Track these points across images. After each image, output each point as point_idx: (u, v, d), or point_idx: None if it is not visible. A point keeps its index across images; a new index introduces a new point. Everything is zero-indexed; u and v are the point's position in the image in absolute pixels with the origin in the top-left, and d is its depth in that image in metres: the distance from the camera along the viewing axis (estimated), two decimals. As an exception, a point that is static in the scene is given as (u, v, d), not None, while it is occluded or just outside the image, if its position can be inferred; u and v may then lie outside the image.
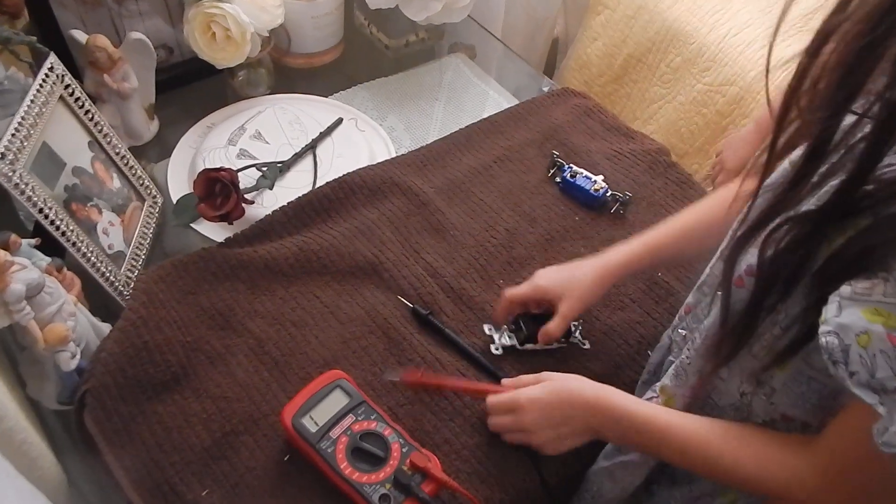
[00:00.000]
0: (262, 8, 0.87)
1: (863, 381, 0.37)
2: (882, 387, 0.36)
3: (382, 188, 0.79)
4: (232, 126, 0.86)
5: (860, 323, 0.36)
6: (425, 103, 0.99)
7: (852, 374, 0.37)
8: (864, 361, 0.36)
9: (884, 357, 0.36)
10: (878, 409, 0.37)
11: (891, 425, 0.36)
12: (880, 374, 0.36)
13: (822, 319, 0.38)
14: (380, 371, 0.63)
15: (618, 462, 0.58)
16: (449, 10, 0.98)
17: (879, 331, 0.36)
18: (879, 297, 0.36)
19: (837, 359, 0.37)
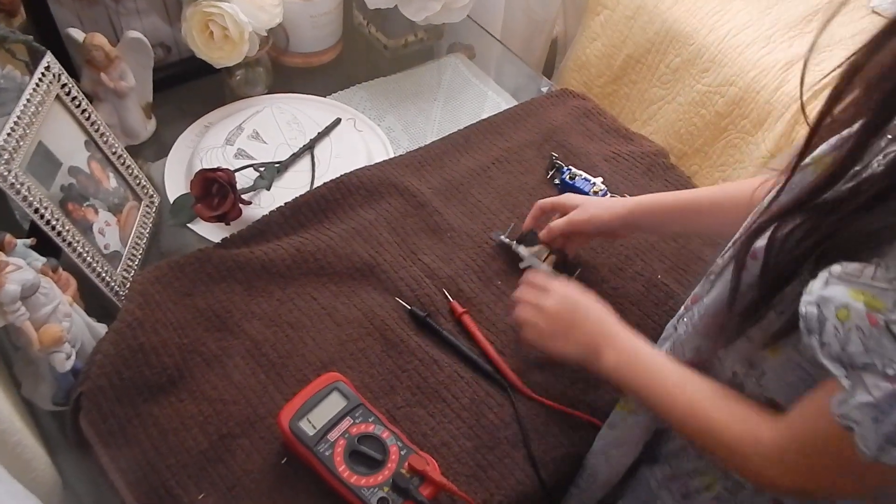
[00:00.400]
0: (261, 7, 0.87)
1: (833, 353, 0.38)
2: (851, 361, 0.37)
3: (380, 189, 0.78)
4: (229, 126, 0.86)
5: (842, 298, 0.37)
6: (424, 103, 0.99)
7: (823, 344, 0.38)
8: (838, 334, 0.37)
9: (858, 333, 0.36)
10: (842, 381, 0.37)
11: (851, 399, 0.37)
12: (851, 348, 0.37)
13: (807, 290, 0.39)
14: (377, 373, 0.63)
15: (611, 440, 0.59)
16: (448, 11, 0.97)
17: (859, 308, 0.36)
18: (867, 280, 0.37)
19: (813, 328, 0.38)
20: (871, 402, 0.36)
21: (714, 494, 0.55)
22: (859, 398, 0.36)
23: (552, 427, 0.62)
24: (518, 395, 0.63)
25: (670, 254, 0.77)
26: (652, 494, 0.60)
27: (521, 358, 0.66)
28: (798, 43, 1.21)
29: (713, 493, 0.55)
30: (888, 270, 0.36)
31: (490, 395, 0.63)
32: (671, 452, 0.59)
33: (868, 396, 0.36)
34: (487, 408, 0.62)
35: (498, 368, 0.64)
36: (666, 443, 0.60)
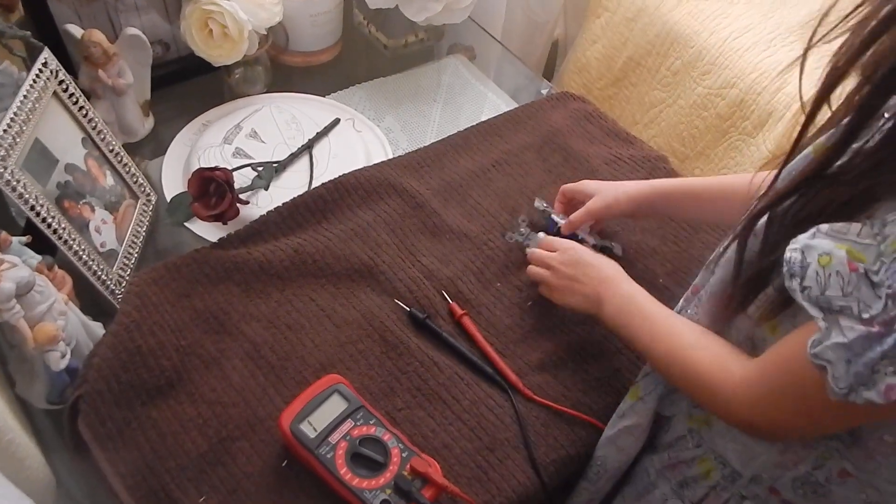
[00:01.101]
0: (260, 5, 0.87)
1: (812, 296, 0.39)
2: (829, 304, 0.39)
3: (378, 190, 0.78)
4: (228, 124, 0.86)
5: (826, 246, 0.39)
6: (423, 104, 0.99)
7: (804, 288, 0.40)
8: (819, 279, 0.39)
9: (838, 278, 0.38)
10: (819, 323, 0.39)
11: (826, 340, 0.39)
12: (830, 292, 0.39)
13: (794, 240, 0.41)
14: (377, 375, 0.63)
15: (622, 428, 0.59)
16: (449, 11, 0.97)
17: (841, 255, 0.38)
18: (853, 236, 0.39)
19: (795, 272, 0.40)
20: (844, 342, 0.38)
21: (711, 482, 0.56)
22: (834, 339, 0.38)
23: (553, 428, 0.61)
24: (519, 396, 0.63)
25: (671, 257, 0.77)
26: (650, 483, 0.61)
27: (522, 359, 0.66)
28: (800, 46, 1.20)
29: (711, 481, 0.56)
30: (873, 227, 0.38)
31: (490, 397, 0.62)
32: (669, 442, 0.60)
33: (842, 338, 0.38)
34: (488, 409, 0.62)
35: (498, 370, 0.64)
36: (665, 432, 0.61)
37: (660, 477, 0.60)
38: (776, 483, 0.52)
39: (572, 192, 0.75)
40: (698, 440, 0.57)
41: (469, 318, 0.68)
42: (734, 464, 0.54)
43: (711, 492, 0.56)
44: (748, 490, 0.54)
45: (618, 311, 0.59)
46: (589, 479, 0.63)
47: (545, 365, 0.66)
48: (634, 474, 0.64)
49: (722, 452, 0.55)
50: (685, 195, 0.69)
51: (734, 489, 0.54)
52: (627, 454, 0.61)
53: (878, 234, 0.38)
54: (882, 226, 0.38)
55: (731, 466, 0.54)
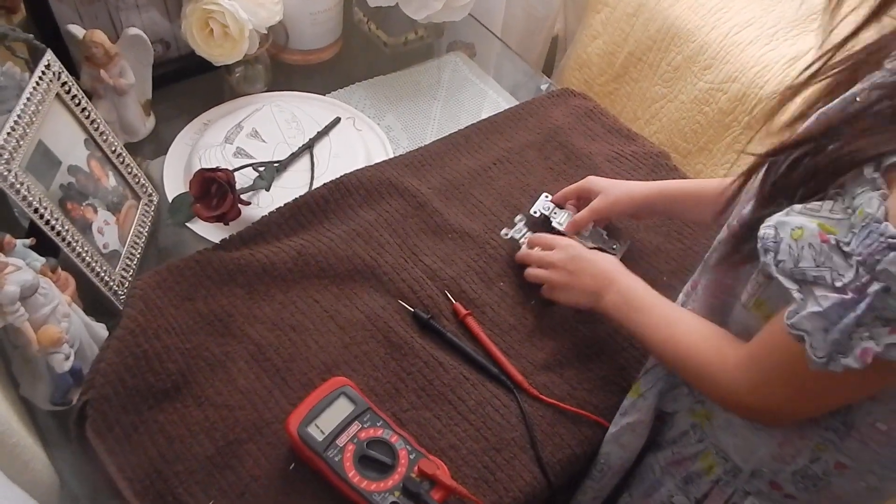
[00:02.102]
0: (261, 4, 0.86)
1: (787, 269, 0.40)
2: (803, 276, 0.40)
3: (380, 189, 0.78)
4: (229, 123, 0.86)
5: (799, 221, 0.40)
6: (423, 102, 0.99)
7: (779, 262, 0.41)
8: (792, 252, 0.40)
9: (811, 250, 0.39)
10: (794, 294, 0.40)
11: (801, 310, 0.40)
12: (803, 264, 0.40)
13: (768, 219, 0.42)
14: (382, 376, 0.63)
15: (624, 425, 0.60)
16: (449, 9, 0.97)
17: (813, 227, 0.39)
18: (826, 213, 0.40)
19: (769, 248, 0.41)
20: (819, 311, 0.39)
21: (714, 478, 0.56)
22: (810, 308, 0.39)
23: (559, 427, 0.62)
24: (524, 395, 0.63)
25: (675, 255, 0.77)
26: (656, 480, 0.62)
27: (527, 359, 0.66)
28: (802, 40, 1.20)
29: (713, 476, 0.57)
30: (844, 202, 0.40)
31: (496, 397, 0.63)
32: (673, 438, 0.61)
33: (817, 307, 0.39)
34: (494, 409, 0.62)
35: (503, 370, 0.64)
36: (669, 428, 0.62)
37: (665, 474, 0.61)
38: (776, 477, 0.53)
39: (578, 190, 0.76)
40: (700, 435, 0.58)
41: (473, 317, 0.68)
42: (734, 458, 0.55)
43: (715, 487, 0.57)
44: (750, 485, 0.55)
45: (618, 303, 0.60)
46: (593, 477, 0.64)
47: (550, 364, 0.66)
48: (640, 472, 0.64)
49: (723, 447, 0.56)
50: (687, 197, 0.70)
51: (736, 484, 0.55)
52: (630, 451, 0.61)
53: (847, 208, 0.39)
54: (851, 199, 0.39)
55: (732, 461, 0.55)
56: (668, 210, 0.73)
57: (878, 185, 0.38)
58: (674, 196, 0.70)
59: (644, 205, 0.71)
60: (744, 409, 0.50)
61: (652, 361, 0.61)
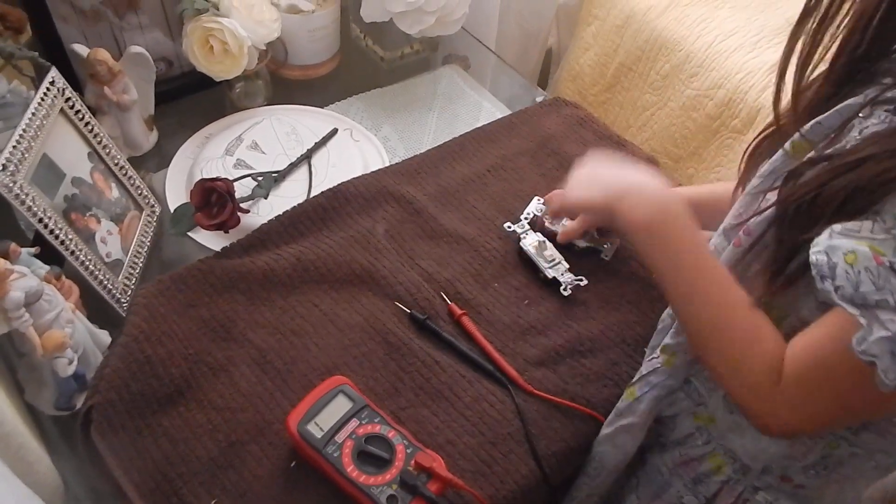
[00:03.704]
0: (260, 22, 0.89)
1: (846, 295, 0.40)
2: (864, 300, 0.39)
3: (377, 197, 0.80)
4: (229, 137, 0.88)
5: (848, 244, 0.40)
6: (419, 114, 1.01)
7: (837, 288, 0.40)
8: (850, 277, 0.39)
9: (868, 274, 0.39)
10: (860, 320, 0.39)
11: (869, 336, 0.39)
12: (863, 288, 0.39)
13: (814, 244, 0.41)
14: (381, 376, 0.64)
15: (619, 426, 0.60)
16: (442, 24, 1.00)
17: (866, 251, 0.39)
18: (867, 233, 0.40)
19: (825, 274, 0.41)
20: (888, 335, 0.38)
21: (723, 477, 0.56)
22: (877, 333, 0.39)
23: (553, 422, 0.62)
24: (519, 391, 0.64)
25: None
26: (664, 481, 0.62)
27: (521, 356, 0.67)
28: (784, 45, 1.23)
29: (723, 475, 0.57)
30: (885, 223, 0.40)
31: (492, 393, 0.63)
32: (678, 439, 0.60)
33: (885, 331, 0.38)
34: (489, 405, 0.63)
35: (498, 366, 0.65)
36: (673, 430, 0.61)
37: (673, 475, 0.61)
38: (787, 471, 0.53)
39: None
40: (707, 437, 0.58)
41: (468, 317, 0.69)
42: (744, 458, 0.55)
43: (725, 486, 0.57)
44: (760, 481, 0.55)
45: (655, 222, 0.53)
46: (588, 474, 0.64)
47: (544, 360, 0.67)
48: (647, 474, 0.64)
49: (732, 448, 0.56)
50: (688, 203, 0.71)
51: (746, 482, 0.55)
52: (625, 452, 0.61)
53: (892, 228, 0.39)
54: (892, 218, 0.39)
55: (741, 461, 0.55)
56: None
57: None
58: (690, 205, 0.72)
59: None
60: (776, 427, 0.47)
61: (647, 367, 0.59)
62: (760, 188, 0.51)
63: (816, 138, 0.48)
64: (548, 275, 0.73)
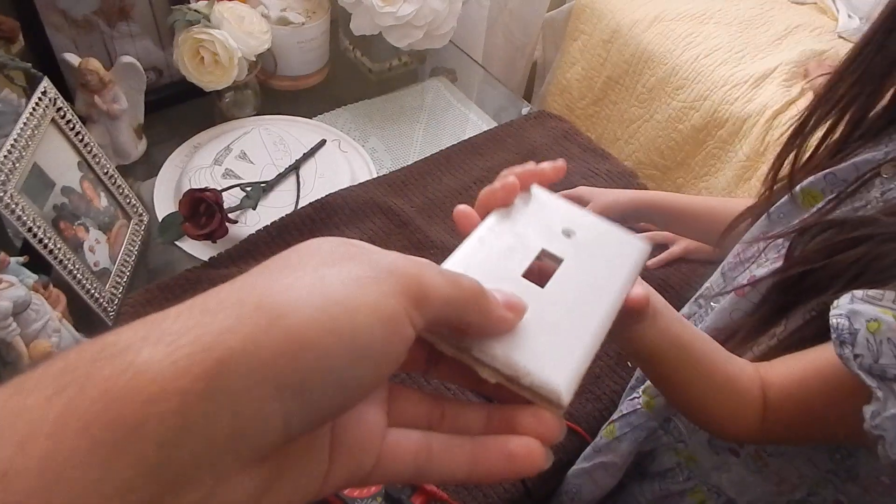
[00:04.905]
0: (250, 33, 0.90)
1: (865, 364, 0.38)
2: (883, 373, 0.38)
3: (364, 208, 0.81)
4: (218, 146, 0.89)
5: (871, 311, 0.38)
6: (407, 125, 1.03)
7: (857, 356, 0.38)
8: (871, 346, 0.38)
9: (890, 345, 0.37)
10: (876, 392, 0.38)
11: (884, 411, 0.38)
12: (884, 360, 0.37)
13: (835, 305, 0.40)
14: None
15: (598, 463, 0.60)
16: (430, 37, 1.02)
17: (890, 321, 0.37)
18: (889, 303, 0.38)
19: (845, 339, 0.39)
20: None
21: None
22: (892, 409, 0.37)
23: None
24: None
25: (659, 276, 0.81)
26: None
27: None
28: (770, 59, 1.27)
29: None
30: None
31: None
32: (659, 472, 0.60)
33: None
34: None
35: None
36: (653, 462, 0.61)
37: None
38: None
39: (570, 198, 0.78)
40: (689, 473, 0.57)
41: None
42: (729, 492, 0.54)
43: None
44: None
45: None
46: (562, 501, 0.64)
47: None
48: (625, 500, 0.63)
49: (716, 483, 0.55)
50: (671, 210, 0.73)
51: None
52: (602, 488, 0.61)
53: None
54: None
55: (727, 495, 0.54)
56: (654, 218, 0.77)
57: None
58: (663, 209, 0.74)
59: (632, 213, 0.75)
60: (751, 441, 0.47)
61: (628, 406, 0.59)
62: (765, 234, 0.51)
63: (828, 189, 0.46)
64: None
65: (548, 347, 0.26)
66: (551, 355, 0.25)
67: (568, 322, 0.27)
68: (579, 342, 0.27)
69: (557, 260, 0.30)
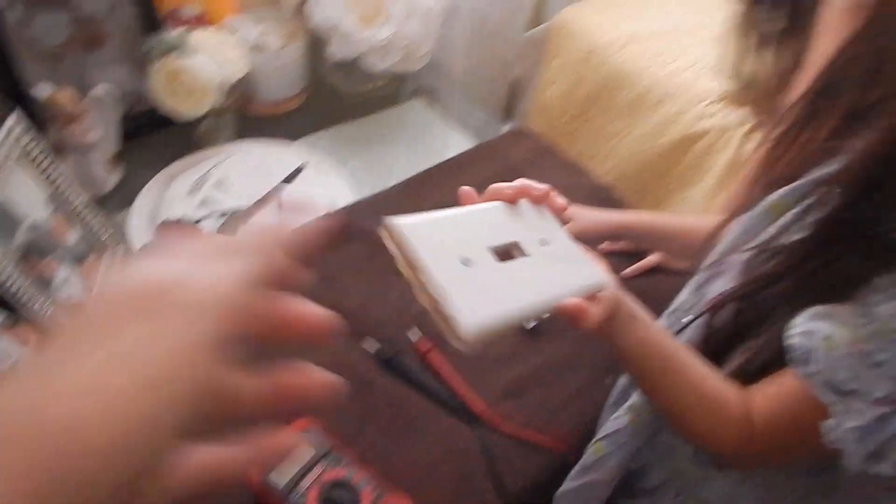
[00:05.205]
0: (227, 60, 0.90)
1: (821, 381, 0.40)
2: (839, 388, 0.39)
3: (344, 234, 0.80)
4: (195, 174, 0.88)
5: (826, 329, 0.39)
6: (387, 147, 1.02)
7: (814, 373, 0.40)
8: (826, 363, 0.39)
9: (845, 361, 0.39)
10: (833, 408, 0.39)
11: (841, 425, 0.39)
12: (840, 376, 0.39)
13: (791, 325, 0.41)
14: (347, 415, 0.63)
15: (586, 482, 0.59)
16: (408, 60, 1.02)
17: (845, 337, 0.39)
18: (846, 318, 0.40)
19: (802, 359, 0.40)
20: (859, 426, 0.38)
21: None
22: (849, 423, 0.39)
23: (520, 456, 0.63)
24: (485, 426, 0.64)
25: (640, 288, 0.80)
26: None
27: (488, 388, 0.67)
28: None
29: None
30: (863, 308, 0.39)
31: (458, 429, 0.64)
32: (648, 489, 0.60)
33: (856, 421, 0.39)
34: (456, 442, 0.63)
35: (464, 402, 0.66)
36: (642, 478, 0.61)
37: None
38: None
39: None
40: (677, 489, 0.57)
41: (435, 352, 0.70)
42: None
43: None
44: None
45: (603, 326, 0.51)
46: None
47: (511, 392, 0.68)
48: None
49: (704, 498, 0.55)
50: (650, 230, 0.73)
51: None
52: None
53: (866, 315, 0.39)
54: (867, 306, 0.39)
55: None
56: (635, 241, 0.77)
57: (893, 294, 0.39)
58: (637, 229, 0.74)
59: (611, 233, 0.75)
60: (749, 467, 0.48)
61: (613, 425, 0.58)
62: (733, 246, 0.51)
63: (792, 201, 0.47)
64: None
65: (476, 297, 0.33)
66: (474, 303, 0.33)
67: (502, 292, 0.34)
68: (501, 308, 0.33)
69: (523, 254, 0.37)
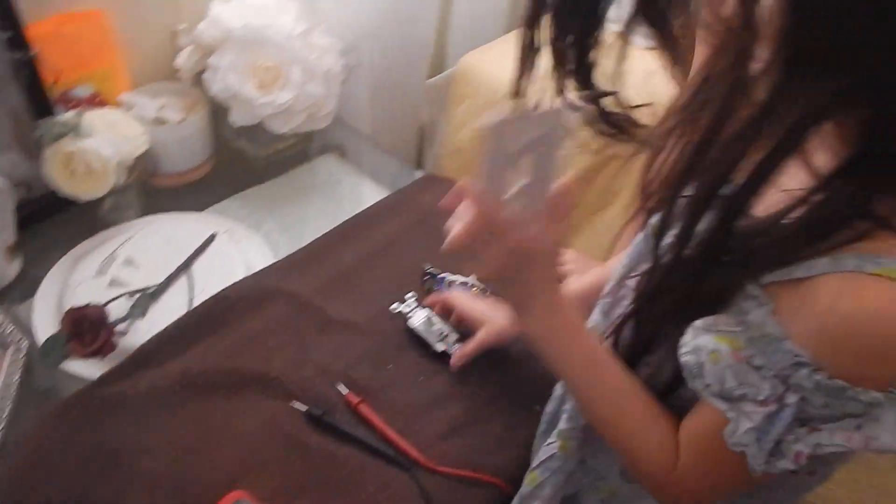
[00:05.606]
0: (125, 137, 0.89)
1: (715, 391, 0.44)
2: (730, 395, 0.43)
3: (262, 297, 0.81)
4: (101, 255, 0.85)
5: (710, 344, 0.44)
6: (300, 206, 1.04)
7: (707, 385, 0.44)
8: (716, 375, 0.44)
9: (729, 370, 0.43)
10: (728, 414, 0.43)
11: (737, 429, 0.43)
12: (728, 384, 0.43)
13: (681, 343, 0.45)
14: (284, 479, 0.63)
15: None
16: (313, 119, 1.05)
17: (725, 348, 0.43)
18: (723, 326, 0.44)
19: (695, 374, 0.44)
20: (752, 426, 0.42)
21: None
22: (743, 426, 0.43)
23: (459, 495, 0.64)
24: (422, 470, 0.65)
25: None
26: None
27: (423, 433, 0.69)
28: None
29: None
30: (739, 316, 0.44)
31: (397, 477, 0.64)
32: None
33: (750, 422, 0.43)
34: (395, 491, 0.63)
35: (399, 449, 0.67)
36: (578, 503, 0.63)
37: None
38: None
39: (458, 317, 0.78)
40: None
41: (366, 404, 0.71)
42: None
43: None
44: None
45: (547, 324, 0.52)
46: None
47: (446, 433, 0.69)
48: None
49: None
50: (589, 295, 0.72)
51: None
52: None
53: (742, 322, 0.43)
54: (742, 314, 0.43)
55: None
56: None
57: (762, 301, 0.42)
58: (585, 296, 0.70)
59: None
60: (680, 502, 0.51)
61: (545, 452, 0.60)
62: (628, 270, 0.55)
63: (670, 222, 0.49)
64: (437, 349, 0.76)
65: None
66: None
67: None
68: None
69: None
